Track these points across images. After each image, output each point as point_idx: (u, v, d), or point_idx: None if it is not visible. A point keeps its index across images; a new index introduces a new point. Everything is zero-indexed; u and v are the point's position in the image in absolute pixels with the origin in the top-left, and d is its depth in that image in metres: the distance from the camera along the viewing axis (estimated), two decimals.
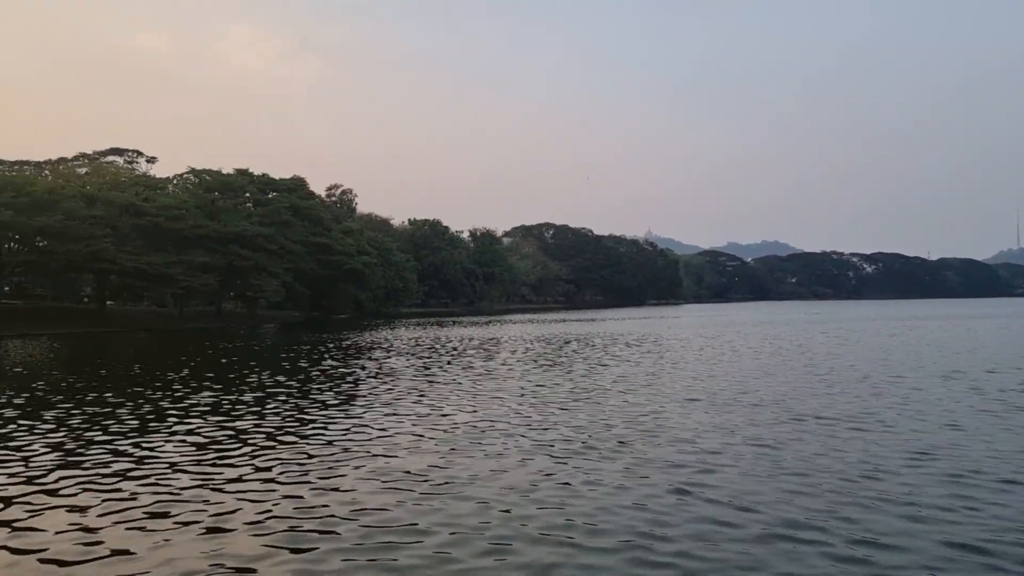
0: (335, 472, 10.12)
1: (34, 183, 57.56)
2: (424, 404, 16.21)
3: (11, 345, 39.54)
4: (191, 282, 62.08)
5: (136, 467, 10.53)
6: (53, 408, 16.12)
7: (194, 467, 10.48)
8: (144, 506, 8.61)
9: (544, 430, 12.92)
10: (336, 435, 12.71)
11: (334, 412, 15.34)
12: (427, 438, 12.37)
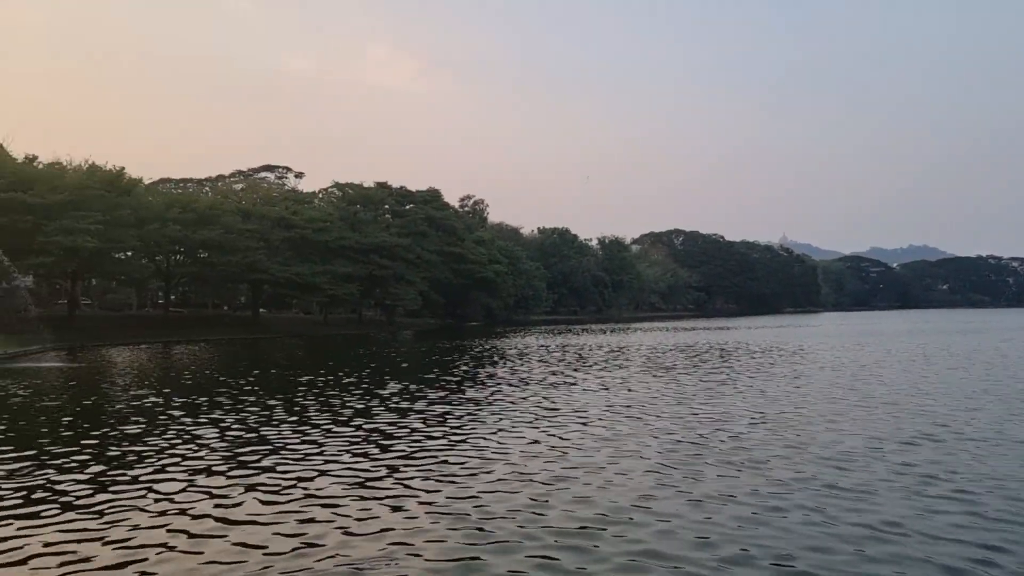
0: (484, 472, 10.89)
1: (197, 200, 62.62)
2: (561, 412, 16.83)
3: (177, 349, 43.34)
4: (335, 291, 65.73)
5: (311, 458, 11.72)
6: (235, 402, 17.86)
7: (359, 460, 11.56)
8: (325, 492, 9.67)
9: (676, 441, 13.22)
10: (483, 440, 13.51)
11: (476, 416, 16.23)
12: (579, 443, 12.98)
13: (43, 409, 17.65)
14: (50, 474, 10.63)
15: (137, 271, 56.44)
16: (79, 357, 36.06)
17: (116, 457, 11.86)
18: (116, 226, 47.57)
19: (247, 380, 24.00)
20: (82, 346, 43.30)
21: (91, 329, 50.73)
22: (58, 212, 44.74)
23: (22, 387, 22.27)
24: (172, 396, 19.71)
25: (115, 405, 18.39)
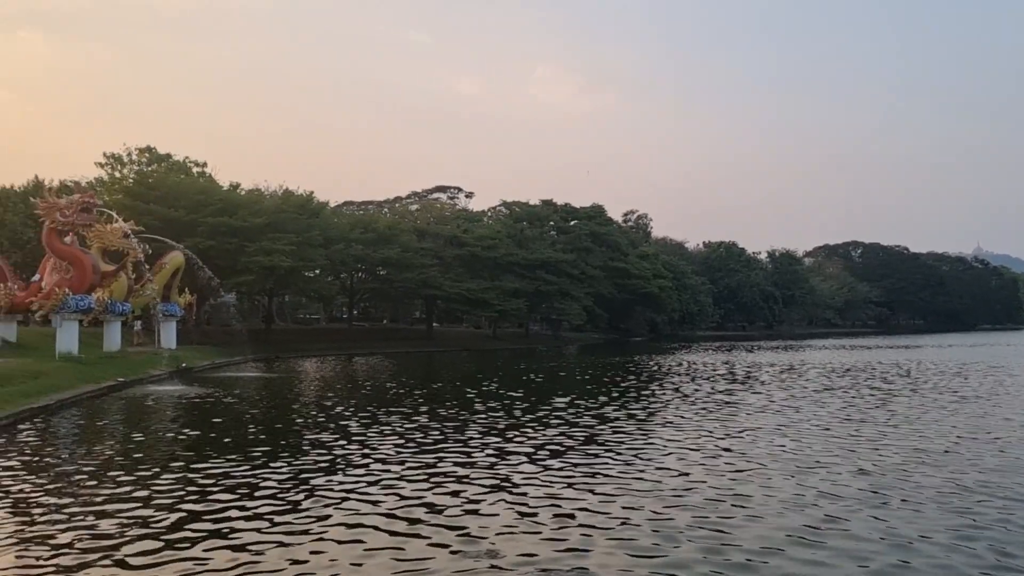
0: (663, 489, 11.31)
1: (377, 220, 66.80)
2: (737, 432, 16.85)
3: (358, 360, 46.45)
4: (503, 306, 67.89)
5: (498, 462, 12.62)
6: (412, 411, 19.25)
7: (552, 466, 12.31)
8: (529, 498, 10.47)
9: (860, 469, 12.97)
10: (661, 457, 13.88)
11: (649, 432, 16.59)
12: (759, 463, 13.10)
13: (246, 414, 19.82)
14: (261, 472, 12.13)
15: (325, 288, 61.09)
16: (274, 367, 39.59)
17: (315, 459, 13.28)
18: (307, 246, 51.77)
19: (425, 390, 25.58)
20: (277, 357, 47.40)
21: (284, 341, 55.40)
22: (258, 234, 49.32)
23: (228, 395, 24.95)
24: (358, 404, 21.46)
25: (308, 412, 20.29)
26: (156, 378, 29.43)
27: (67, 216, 29.49)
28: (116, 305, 31.86)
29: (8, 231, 40.41)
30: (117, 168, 55.65)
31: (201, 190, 50.98)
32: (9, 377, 21.14)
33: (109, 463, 12.84)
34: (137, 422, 18.60)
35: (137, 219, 36.10)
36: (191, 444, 14.83)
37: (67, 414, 19.73)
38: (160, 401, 22.84)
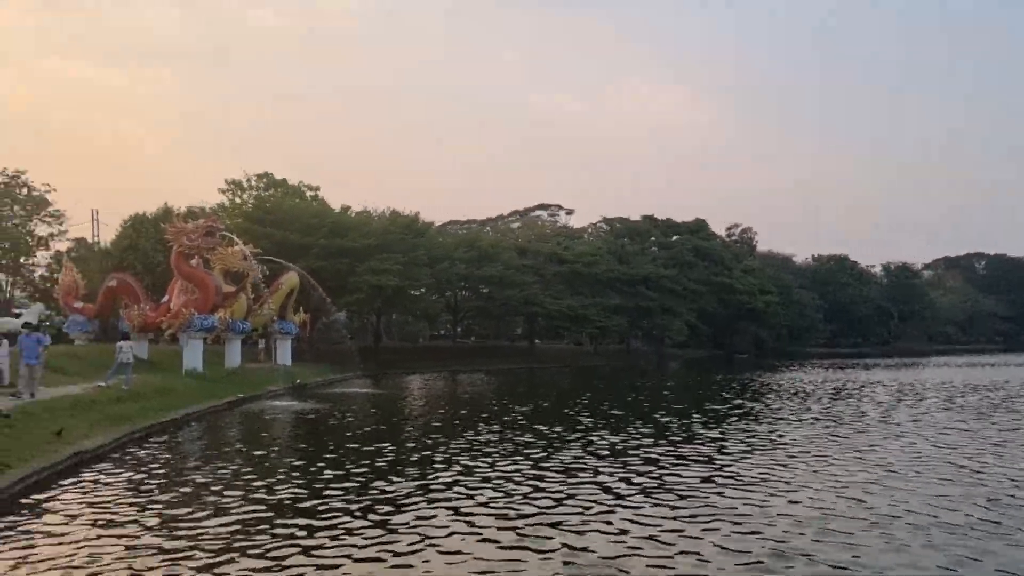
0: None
1: (480, 239, 68.04)
2: (855, 456, 16.43)
3: (462, 377, 47.37)
4: (604, 322, 67.79)
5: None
6: (514, 428, 19.62)
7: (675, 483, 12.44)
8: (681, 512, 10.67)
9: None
10: (776, 481, 13.74)
11: (762, 454, 16.39)
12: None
13: (358, 429, 20.66)
14: (380, 483, 12.75)
15: (430, 306, 62.68)
16: (382, 384, 40.91)
17: (424, 472, 13.81)
18: (413, 266, 53.32)
19: (527, 407, 25.93)
20: (384, 373, 48.94)
21: (392, 359, 57.08)
22: (367, 255, 51.17)
23: (340, 410, 26.04)
24: (463, 420, 22.02)
25: (415, 427, 20.97)
26: (273, 394, 31.03)
27: (193, 240, 31.53)
28: (237, 324, 33.76)
29: (141, 255, 43.45)
30: (237, 194, 58.93)
31: (314, 213, 53.36)
32: (143, 393, 22.81)
33: (233, 474, 13.76)
34: (256, 436, 19.76)
35: (255, 242, 38.18)
36: (307, 456, 15.67)
37: (194, 427, 21.15)
38: (277, 416, 24.12)
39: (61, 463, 13.89)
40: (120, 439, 17.12)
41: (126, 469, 14.39)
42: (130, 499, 11.74)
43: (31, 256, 54.29)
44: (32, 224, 52.41)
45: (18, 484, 11.94)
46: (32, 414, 16.35)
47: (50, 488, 12.39)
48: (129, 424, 18.56)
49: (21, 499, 11.48)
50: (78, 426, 16.74)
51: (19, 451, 13.42)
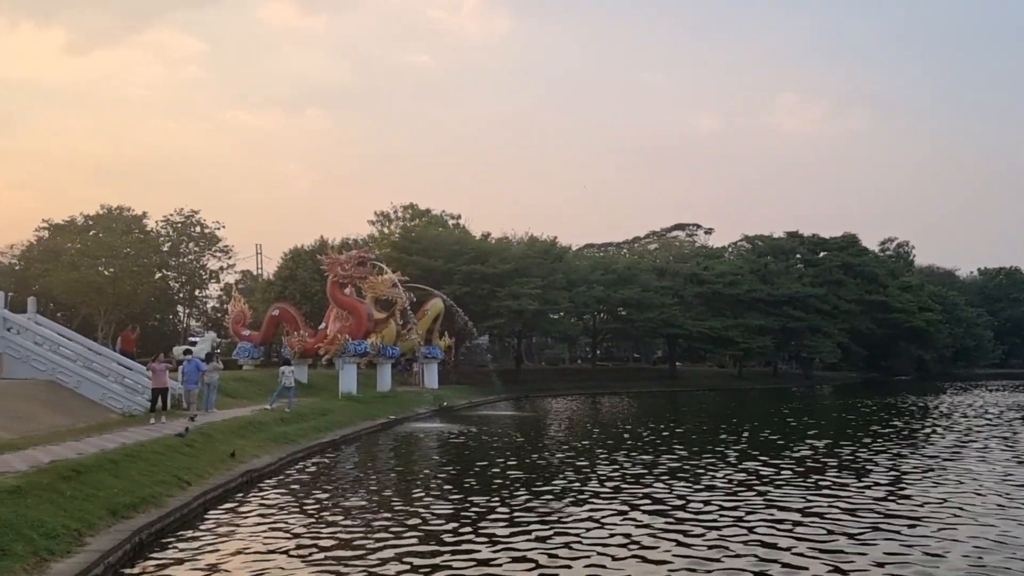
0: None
1: (617, 261, 67.96)
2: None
3: (603, 400, 47.25)
4: (748, 344, 65.76)
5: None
6: (655, 452, 19.51)
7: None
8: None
9: None
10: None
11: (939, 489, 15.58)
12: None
13: (504, 449, 21.16)
14: (522, 504, 13.10)
15: (569, 329, 63.12)
16: (524, 406, 41.54)
17: (579, 493, 14.03)
18: (551, 289, 54.02)
19: (672, 430, 25.62)
20: (526, 396, 49.65)
21: (532, 381, 57.85)
22: (507, 280, 52.32)
23: (485, 432, 26.71)
24: (607, 443, 22.08)
25: (559, 449, 21.23)
26: (421, 416, 32.26)
27: (346, 270, 33.49)
28: (387, 349, 35.41)
29: (300, 285, 46.48)
30: (385, 224, 61.92)
31: (456, 240, 55.18)
32: (305, 415, 24.40)
33: (393, 491, 14.55)
34: (410, 455, 20.70)
35: (402, 270, 39.96)
36: (459, 476, 16.27)
37: (351, 447, 22.41)
38: (427, 437, 25.11)
39: (234, 480, 15.15)
40: (285, 458, 18.43)
41: (293, 486, 15.50)
42: (298, 514, 12.67)
43: (204, 288, 59.18)
44: (205, 259, 57.20)
45: (198, 499, 13.15)
46: (207, 434, 17.87)
47: (226, 503, 13.58)
48: (293, 444, 19.94)
49: (201, 514, 12.65)
50: (248, 446, 18.15)
51: (198, 469, 14.75)
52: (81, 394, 20.94)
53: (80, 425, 18.06)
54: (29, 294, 33.43)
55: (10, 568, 8.06)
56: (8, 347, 21.46)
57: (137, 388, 21.16)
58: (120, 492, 11.54)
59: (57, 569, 8.52)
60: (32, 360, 21.24)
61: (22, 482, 10.60)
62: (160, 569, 9.54)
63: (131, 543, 10.12)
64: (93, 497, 10.96)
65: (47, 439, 15.28)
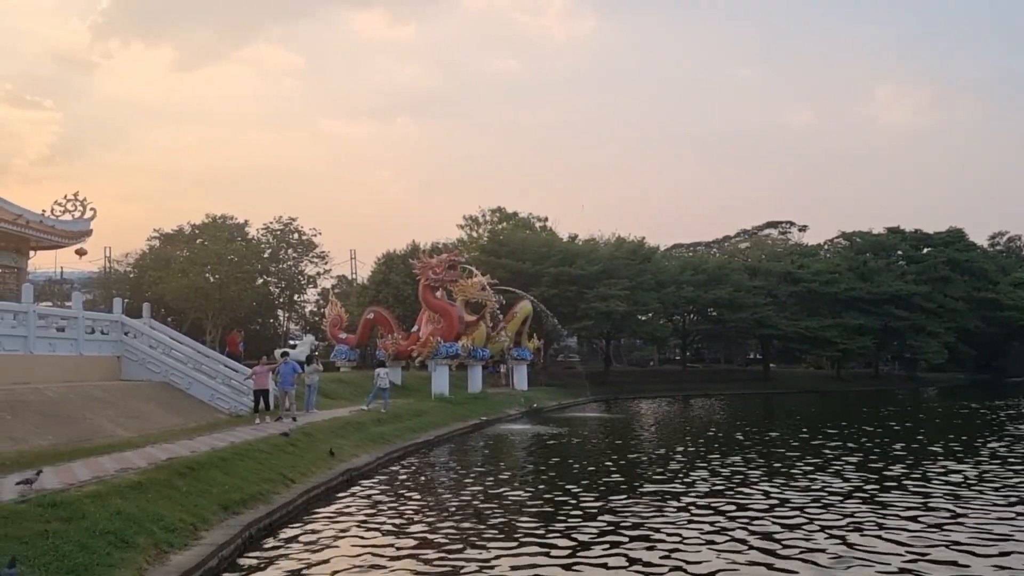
0: None
1: (707, 261, 66.74)
2: None
3: (695, 402, 46.52)
4: (847, 344, 63.48)
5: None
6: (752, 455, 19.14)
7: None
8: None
9: None
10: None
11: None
12: None
13: (594, 451, 21.16)
14: (621, 507, 13.13)
15: (658, 330, 62.39)
16: (613, 408, 41.35)
17: (676, 496, 13.95)
18: (640, 290, 53.56)
19: (768, 433, 25.05)
20: (615, 398, 49.39)
21: (621, 383, 57.48)
22: (594, 281, 52.16)
23: (575, 434, 26.77)
24: (701, 446, 21.79)
25: (656, 451, 21.09)
26: (511, 417, 32.57)
27: (438, 274, 34.15)
28: (477, 351, 35.90)
29: (393, 289, 47.59)
30: (474, 228, 62.65)
31: (543, 243, 55.37)
32: (400, 415, 25.04)
33: (487, 491, 14.79)
34: (502, 456, 20.98)
35: (491, 273, 40.41)
36: (552, 477, 16.36)
37: (445, 447, 22.86)
38: (518, 438, 25.36)
39: (335, 479, 15.71)
40: (382, 457, 18.97)
41: (391, 485, 15.97)
42: (397, 513, 13.02)
43: (302, 293, 61.31)
44: (303, 264, 59.27)
45: (302, 496, 13.71)
46: (309, 434, 18.56)
47: (328, 501, 14.11)
48: (390, 444, 20.51)
49: (305, 510, 13.18)
50: (347, 446, 18.77)
51: (301, 467, 15.36)
52: (191, 395, 22.11)
53: (191, 424, 19.09)
54: (143, 300, 35.44)
55: (133, 559, 8.60)
56: (126, 350, 22.86)
57: (243, 389, 22.16)
58: (231, 489, 12.16)
59: (176, 561, 9.05)
60: (147, 363, 22.56)
61: (142, 478, 11.31)
62: (269, 563, 10.02)
63: (242, 537, 10.65)
64: (206, 493, 11.59)
65: (163, 437, 16.21)
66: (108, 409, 18.34)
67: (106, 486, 10.49)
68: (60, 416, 16.64)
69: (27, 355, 19.32)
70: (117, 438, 16.02)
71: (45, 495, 9.58)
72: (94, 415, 17.57)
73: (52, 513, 8.97)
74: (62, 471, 11.51)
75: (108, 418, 17.75)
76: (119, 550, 8.58)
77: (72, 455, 13.07)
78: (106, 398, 19.09)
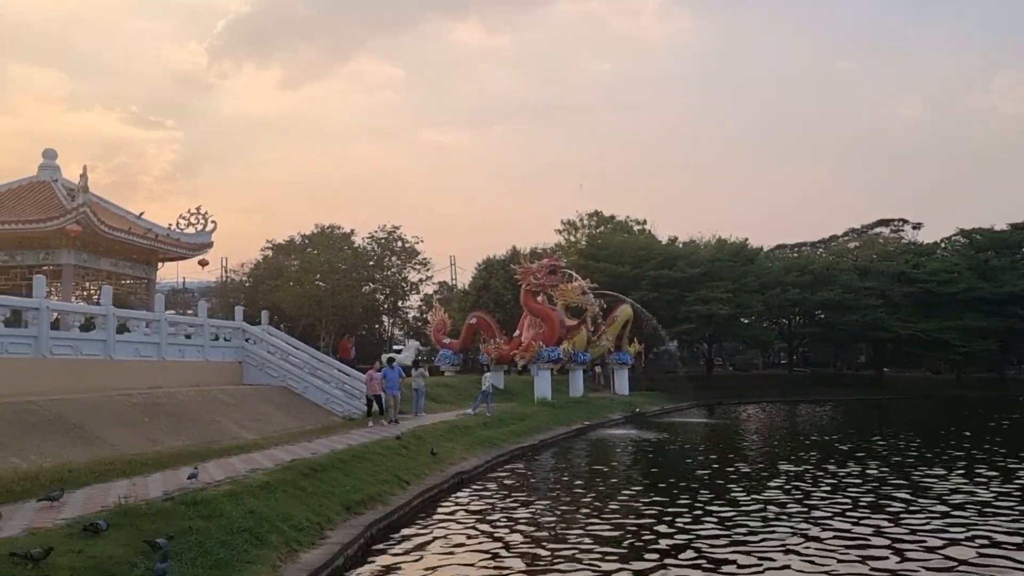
0: None
1: (813, 261, 64.57)
2: None
3: (801, 408, 44.97)
4: (967, 347, 60.09)
5: None
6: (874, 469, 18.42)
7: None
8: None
9: None
10: None
11: None
12: None
13: (702, 459, 20.82)
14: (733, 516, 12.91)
15: (762, 334, 60.78)
16: (717, 414, 40.53)
17: (796, 506, 13.63)
18: (743, 292, 52.41)
19: (888, 443, 24.02)
20: (719, 403, 48.39)
21: (724, 388, 56.27)
22: (695, 284, 51.39)
23: (680, 440, 26.41)
24: (815, 456, 21.10)
25: (768, 460, 20.58)
26: (614, 422, 32.46)
27: (539, 278, 34.38)
28: (578, 355, 35.96)
29: (493, 294, 48.21)
30: (571, 233, 62.79)
31: (642, 246, 54.94)
32: (505, 419, 25.37)
33: (597, 496, 14.83)
34: (608, 461, 20.94)
35: (591, 277, 40.41)
36: (661, 484, 16.20)
37: (550, 452, 23.02)
38: (623, 444, 25.25)
39: (447, 481, 16.09)
40: (490, 461, 19.28)
41: (500, 489, 16.21)
42: (509, 516, 13.21)
43: (406, 299, 62.91)
44: (406, 271, 60.81)
45: (417, 498, 14.10)
46: (420, 437, 19.06)
47: (442, 502, 14.47)
48: (496, 448, 20.82)
49: (420, 512, 13.56)
50: (455, 449, 19.17)
51: (414, 470, 15.80)
52: (307, 398, 23.07)
53: (308, 427, 19.92)
54: (258, 308, 37.14)
55: (268, 557, 9.07)
56: (247, 356, 24.06)
57: (355, 393, 22.96)
58: (351, 490, 12.65)
59: (306, 559, 9.47)
60: (266, 368, 23.68)
61: (270, 478, 11.91)
62: (392, 564, 10.37)
63: (364, 537, 11.08)
64: (329, 494, 12.10)
65: (284, 439, 17.00)
66: (232, 412, 19.35)
67: (239, 486, 11.10)
68: (190, 419, 17.68)
69: (160, 361, 20.62)
70: (242, 440, 16.90)
71: (187, 493, 10.23)
72: (220, 418, 18.59)
73: (194, 511, 9.56)
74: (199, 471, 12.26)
75: (233, 420, 18.74)
76: (255, 547, 9.05)
77: (204, 456, 13.87)
78: (230, 401, 20.15)
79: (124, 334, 19.88)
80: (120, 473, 11.79)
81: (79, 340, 18.62)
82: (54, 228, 22.99)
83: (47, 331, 17.28)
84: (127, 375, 19.06)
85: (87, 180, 22.86)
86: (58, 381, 16.88)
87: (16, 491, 10.04)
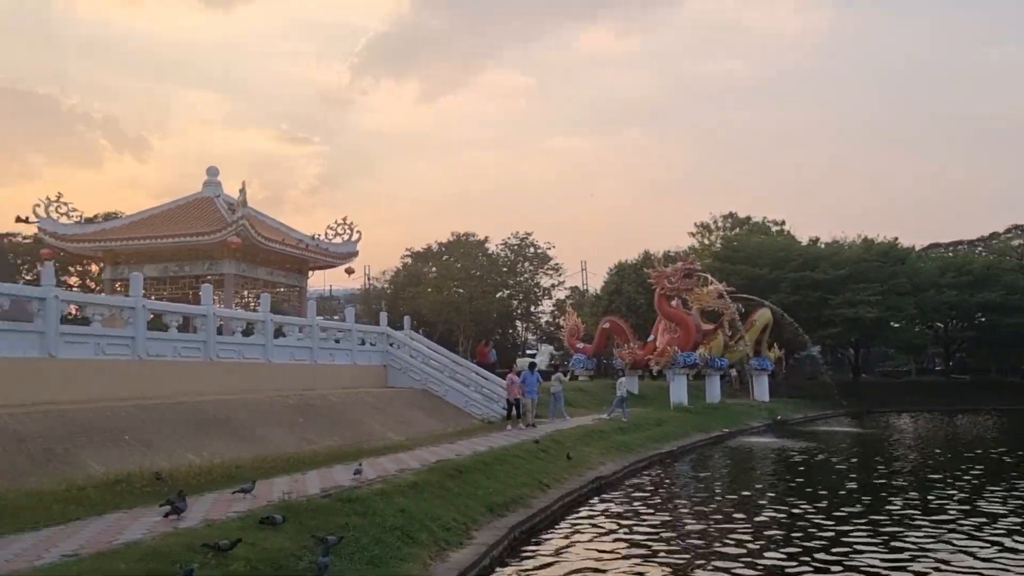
0: None
1: (972, 261, 60.10)
2: None
3: (960, 418, 41.83)
4: None
5: None
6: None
7: None
8: None
9: None
10: None
11: None
12: None
13: (859, 472, 19.82)
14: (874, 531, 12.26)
15: (915, 338, 57.11)
16: (866, 423, 38.45)
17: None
18: (893, 295, 49.53)
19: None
20: (867, 411, 45.90)
21: (872, 395, 53.28)
22: (840, 286, 49.01)
23: (828, 451, 25.23)
24: (981, 476, 19.71)
25: (929, 476, 19.38)
26: (755, 430, 31.47)
27: (673, 282, 33.88)
28: (715, 360, 35.13)
29: (625, 298, 47.87)
30: (705, 235, 61.41)
31: (781, 247, 52.96)
32: (641, 425, 25.14)
33: (736, 508, 14.48)
34: (751, 471, 20.39)
35: (726, 280, 39.35)
36: (809, 498, 15.61)
37: (688, 459, 22.63)
38: (766, 453, 24.47)
39: (586, 486, 16.14)
40: (628, 466, 19.18)
41: (640, 494, 16.12)
42: (649, 523, 13.13)
43: (538, 304, 63.55)
44: (538, 277, 61.46)
45: (557, 502, 14.23)
46: (558, 441, 19.20)
47: (582, 507, 14.54)
48: (634, 453, 20.68)
49: (561, 515, 13.68)
50: (592, 453, 19.18)
51: (554, 473, 15.94)
52: (448, 401, 23.77)
53: (450, 429, 20.51)
54: (399, 314, 38.56)
55: (419, 555, 9.41)
56: (391, 360, 25.07)
57: (493, 397, 23.46)
58: (493, 492, 12.93)
59: (454, 559, 9.75)
60: (409, 371, 24.58)
61: (418, 479, 12.36)
62: (535, 567, 10.53)
63: (508, 539, 11.31)
64: (473, 495, 12.42)
65: (428, 441, 17.60)
66: (378, 414, 20.22)
67: (389, 485, 11.59)
68: (340, 420, 18.62)
69: (312, 364, 21.82)
70: (388, 440, 17.63)
71: (343, 491, 10.79)
72: (368, 419, 19.47)
73: (350, 508, 10.05)
74: (352, 470, 12.90)
75: (379, 422, 19.59)
76: (407, 545, 9.42)
77: (355, 456, 14.54)
78: (376, 404, 21.07)
79: (280, 339, 21.18)
80: (281, 470, 12.58)
81: (241, 344, 19.98)
82: (217, 240, 24.82)
83: (214, 336, 18.65)
84: (283, 377, 20.28)
85: (246, 195, 24.56)
86: (223, 383, 18.19)
87: (193, 484, 10.92)
